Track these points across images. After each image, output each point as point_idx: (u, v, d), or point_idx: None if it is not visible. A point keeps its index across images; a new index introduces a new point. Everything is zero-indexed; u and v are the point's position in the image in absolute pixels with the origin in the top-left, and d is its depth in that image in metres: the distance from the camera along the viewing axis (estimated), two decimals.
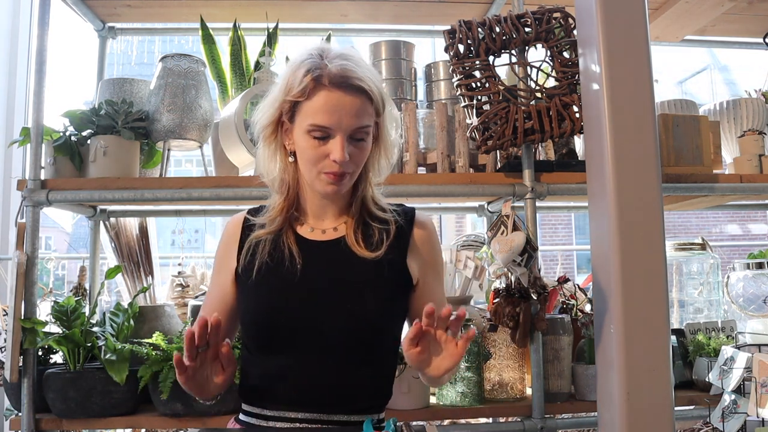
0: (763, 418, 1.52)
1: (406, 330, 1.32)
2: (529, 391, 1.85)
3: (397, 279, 1.21)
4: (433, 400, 1.84)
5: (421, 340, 1.03)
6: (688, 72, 11.61)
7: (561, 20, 1.86)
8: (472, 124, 1.82)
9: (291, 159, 1.20)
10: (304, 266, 1.17)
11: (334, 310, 1.15)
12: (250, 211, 1.28)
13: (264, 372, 1.19)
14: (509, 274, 1.73)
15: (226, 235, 1.27)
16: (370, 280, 1.17)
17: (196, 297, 2.21)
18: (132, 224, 2.22)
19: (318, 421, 1.14)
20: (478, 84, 1.83)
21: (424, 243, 1.24)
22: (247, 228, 1.24)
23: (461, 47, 1.82)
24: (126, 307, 1.82)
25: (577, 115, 1.79)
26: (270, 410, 1.17)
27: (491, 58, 1.84)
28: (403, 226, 1.23)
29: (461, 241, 2.23)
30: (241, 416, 1.22)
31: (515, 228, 1.70)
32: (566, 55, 1.86)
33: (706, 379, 1.75)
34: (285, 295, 1.17)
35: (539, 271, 1.73)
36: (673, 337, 1.98)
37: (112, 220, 2.19)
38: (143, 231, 2.23)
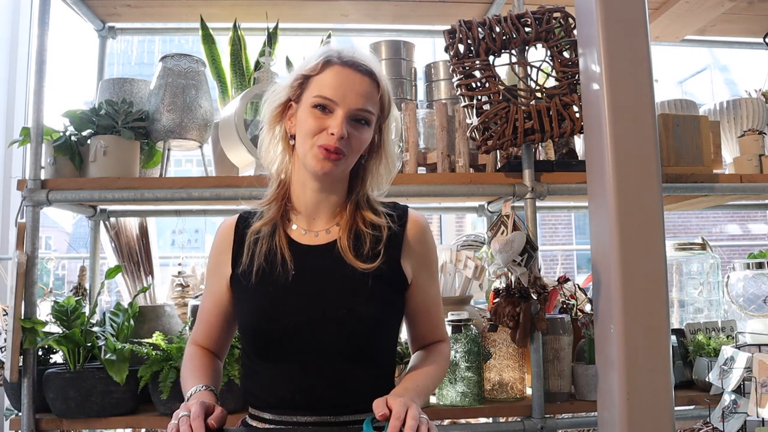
0: (763, 418, 1.52)
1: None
2: (529, 391, 1.85)
3: (392, 282, 1.20)
4: (433, 399, 1.84)
5: None
6: (688, 72, 11.63)
7: (561, 20, 1.86)
8: (472, 124, 1.82)
9: (291, 142, 1.21)
10: (296, 272, 1.17)
11: (327, 316, 1.14)
12: (242, 214, 1.27)
13: (265, 377, 1.18)
14: (509, 274, 1.73)
15: (218, 240, 1.27)
16: (363, 285, 1.16)
17: (196, 297, 2.21)
18: (132, 224, 2.22)
19: (325, 423, 1.14)
20: (478, 84, 1.83)
21: (417, 242, 1.24)
22: (240, 230, 1.24)
23: (461, 47, 1.82)
24: (126, 307, 1.82)
25: (577, 115, 1.79)
26: (276, 414, 1.16)
27: (491, 58, 1.84)
28: (396, 228, 1.22)
29: (461, 241, 2.23)
30: (248, 419, 1.22)
31: (515, 228, 1.70)
32: (566, 55, 1.86)
33: (706, 379, 1.75)
34: (277, 302, 1.16)
35: (539, 271, 1.73)
36: (673, 337, 1.98)
37: (112, 220, 2.19)
38: (143, 231, 2.23)
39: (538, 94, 1.85)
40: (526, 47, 1.86)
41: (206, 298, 1.27)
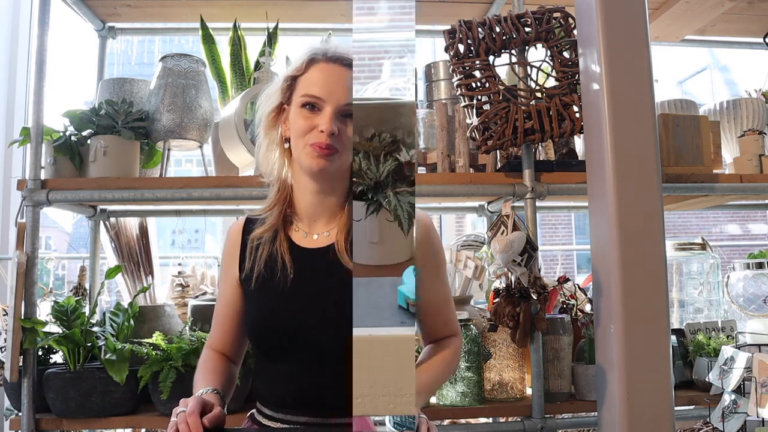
0: (763, 418, 1.52)
1: None
2: (529, 391, 1.85)
3: None
4: (433, 399, 1.84)
5: None
6: (688, 72, 11.64)
7: (561, 20, 1.86)
8: (472, 124, 1.82)
9: (287, 145, 1.21)
10: (295, 275, 1.17)
11: (325, 317, 1.15)
12: (249, 218, 1.28)
13: (271, 376, 1.20)
14: (509, 274, 1.73)
15: (227, 242, 1.28)
16: None
17: (196, 297, 2.21)
18: (132, 224, 2.22)
19: (324, 425, 1.14)
20: (478, 84, 1.83)
21: (418, 243, 1.23)
22: (247, 233, 1.24)
23: (461, 47, 1.82)
24: (126, 307, 1.82)
25: (577, 115, 1.79)
26: (279, 413, 1.17)
27: (491, 58, 1.84)
28: None
29: (461, 241, 2.23)
30: (256, 415, 1.23)
31: (515, 228, 1.70)
32: (566, 55, 1.86)
33: (706, 379, 1.75)
34: (277, 305, 1.17)
35: (539, 271, 1.73)
36: (673, 337, 1.98)
37: (112, 220, 2.19)
38: (143, 231, 2.23)
39: (538, 94, 1.84)
40: (526, 47, 1.86)
41: (219, 301, 1.28)
